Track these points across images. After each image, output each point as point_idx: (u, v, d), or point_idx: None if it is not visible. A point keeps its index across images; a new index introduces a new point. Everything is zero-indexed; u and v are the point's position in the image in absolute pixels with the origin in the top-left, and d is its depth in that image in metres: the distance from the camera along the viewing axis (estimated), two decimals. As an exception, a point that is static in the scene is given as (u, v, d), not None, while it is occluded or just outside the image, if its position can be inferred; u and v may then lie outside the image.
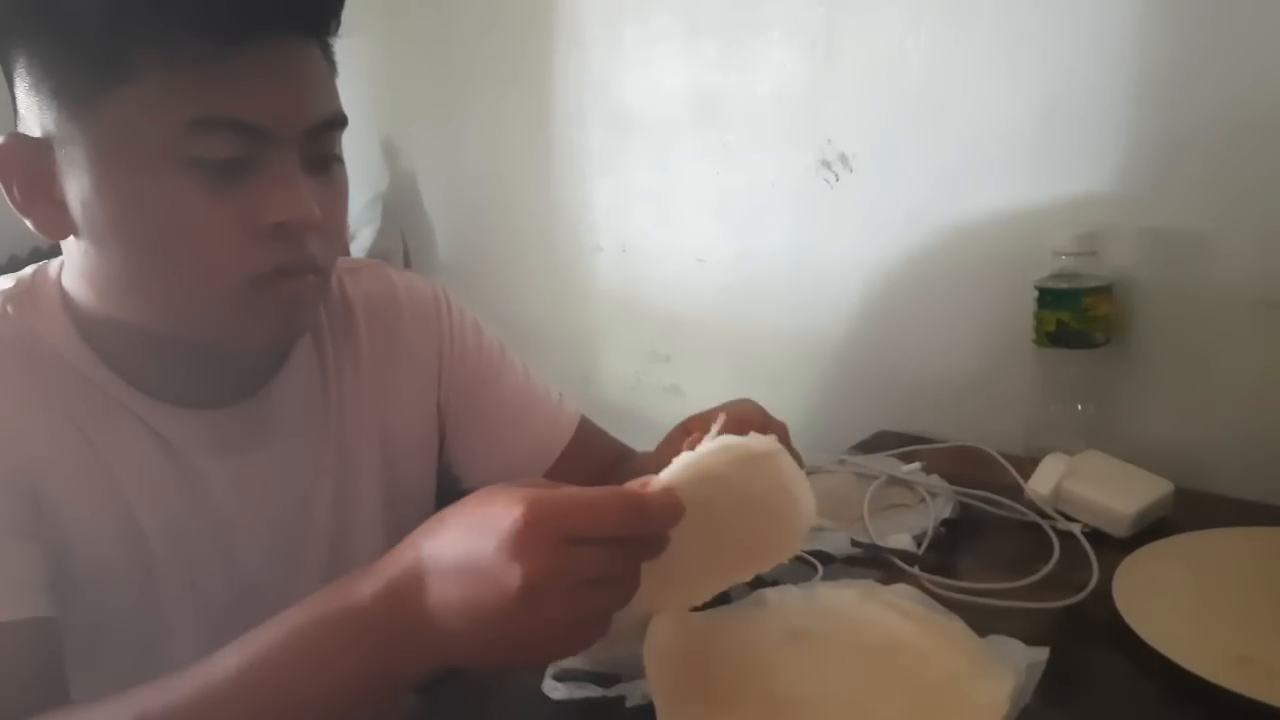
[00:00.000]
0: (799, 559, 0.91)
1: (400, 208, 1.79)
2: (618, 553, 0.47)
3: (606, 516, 0.47)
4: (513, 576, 0.45)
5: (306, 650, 0.51)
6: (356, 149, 0.69)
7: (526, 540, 0.45)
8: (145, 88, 0.56)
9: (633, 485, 0.52)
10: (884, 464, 1.05)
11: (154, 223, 0.58)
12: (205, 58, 0.55)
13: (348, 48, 0.66)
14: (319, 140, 0.62)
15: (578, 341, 1.62)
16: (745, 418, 0.60)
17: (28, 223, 0.61)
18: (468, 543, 0.48)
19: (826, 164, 1.26)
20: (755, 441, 0.52)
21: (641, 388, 1.55)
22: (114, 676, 0.66)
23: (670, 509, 0.49)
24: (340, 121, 0.63)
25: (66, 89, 0.57)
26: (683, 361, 1.50)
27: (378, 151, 1.80)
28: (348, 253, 0.71)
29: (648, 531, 0.48)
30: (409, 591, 0.50)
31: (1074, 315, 1.02)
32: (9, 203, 0.61)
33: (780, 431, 0.61)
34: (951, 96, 1.14)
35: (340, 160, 0.65)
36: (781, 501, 0.54)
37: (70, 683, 0.62)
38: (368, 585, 0.51)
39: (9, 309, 0.65)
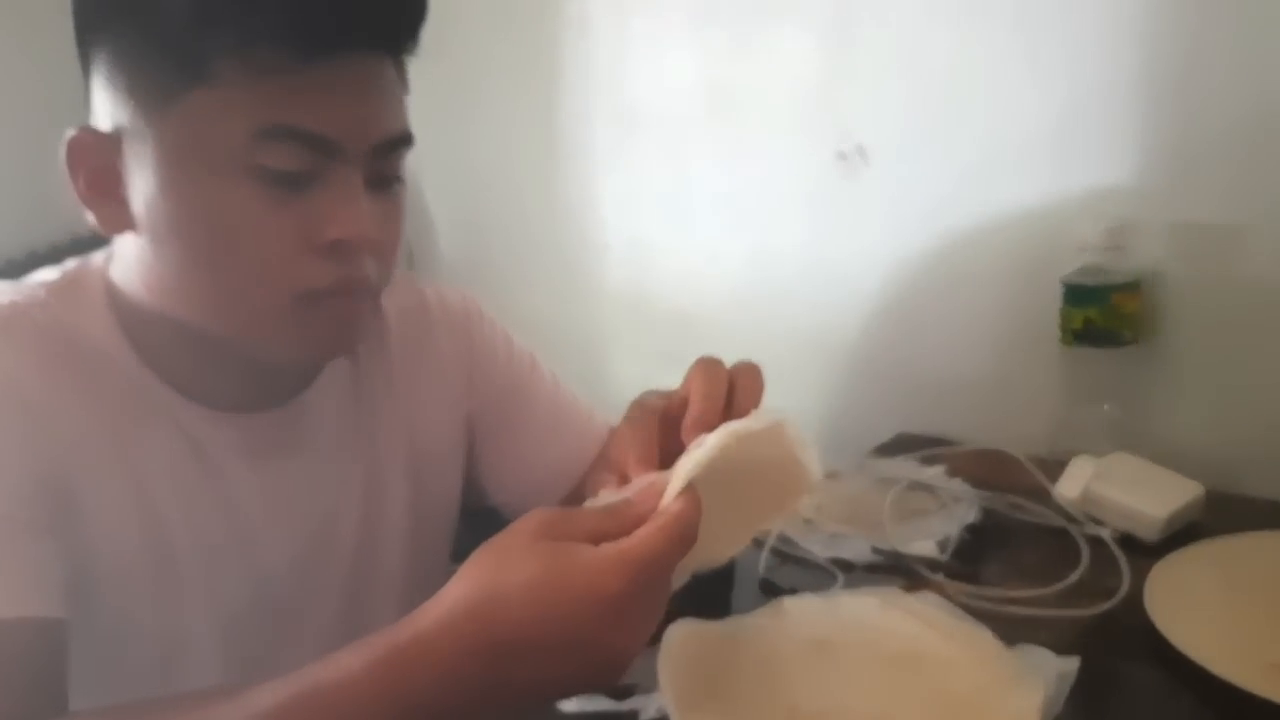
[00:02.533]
0: (819, 567, 0.89)
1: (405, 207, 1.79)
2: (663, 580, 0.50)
3: (676, 547, 0.48)
4: (621, 640, 0.47)
5: (344, 700, 0.48)
6: None
7: (630, 599, 0.46)
8: (221, 92, 0.57)
9: (642, 488, 0.52)
10: (905, 468, 1.05)
11: (214, 227, 0.59)
12: (283, 68, 0.56)
13: None
14: (384, 159, 0.62)
15: (586, 343, 1.60)
16: (714, 377, 0.60)
17: (89, 216, 0.62)
18: (564, 619, 0.46)
19: (843, 157, 1.24)
20: (757, 422, 0.52)
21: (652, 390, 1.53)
22: (130, 682, 0.65)
23: (697, 513, 0.49)
24: (407, 140, 0.64)
25: (143, 87, 0.58)
26: (695, 363, 1.48)
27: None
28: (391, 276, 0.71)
29: (683, 550, 0.49)
30: (486, 674, 0.47)
31: (1101, 312, 1.01)
32: (74, 194, 0.62)
33: (752, 372, 0.62)
34: (972, 88, 1.13)
35: (402, 181, 0.66)
36: (786, 463, 0.54)
37: (84, 689, 0.61)
38: (419, 667, 0.48)
39: (51, 299, 0.65)
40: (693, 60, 1.36)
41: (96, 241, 0.67)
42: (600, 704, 0.68)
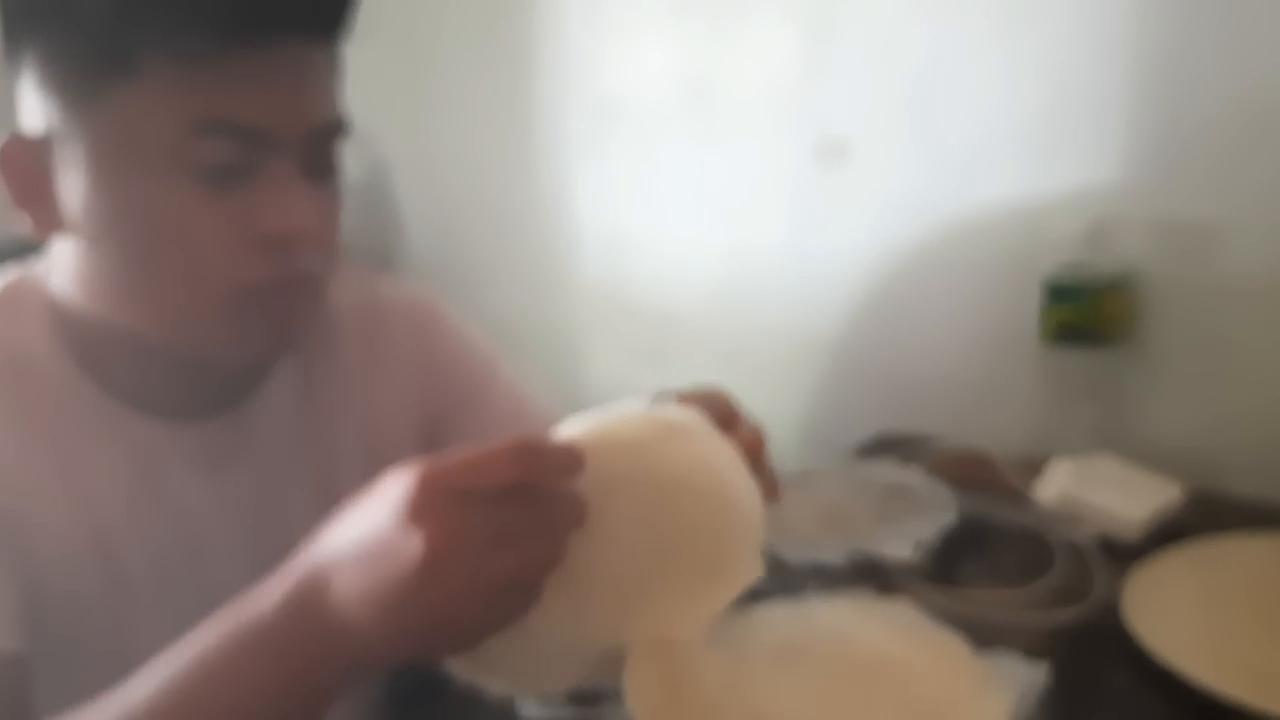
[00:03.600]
0: (793, 572, 0.89)
1: (372, 201, 1.78)
2: (525, 504, 0.44)
3: (500, 463, 0.44)
4: (413, 545, 0.43)
5: (215, 672, 0.49)
6: None
7: (421, 504, 0.43)
8: (150, 86, 0.56)
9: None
10: (883, 470, 1.04)
11: (148, 225, 0.59)
12: (210, 59, 0.56)
13: None
14: (319, 148, 0.62)
15: (562, 341, 1.60)
16: (712, 407, 0.55)
17: (23, 219, 0.62)
18: (362, 525, 0.47)
19: (823, 153, 1.24)
20: (673, 411, 0.48)
21: (630, 389, 1.51)
22: (88, 696, 0.64)
23: (568, 454, 0.46)
24: (342, 128, 0.63)
25: (71, 86, 0.58)
26: (673, 362, 1.48)
27: (351, 141, 1.78)
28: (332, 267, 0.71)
29: (548, 478, 0.45)
30: (310, 594, 0.48)
31: (1082, 311, 1.01)
32: (7, 199, 0.62)
33: (753, 436, 0.57)
34: (953, 83, 1.13)
35: (338, 172, 0.65)
36: (715, 489, 0.48)
37: (39, 713, 0.60)
38: (268, 596, 0.49)
39: None
40: (670, 52, 1.35)
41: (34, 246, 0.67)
42: (565, 712, 0.67)
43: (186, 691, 0.49)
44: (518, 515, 0.44)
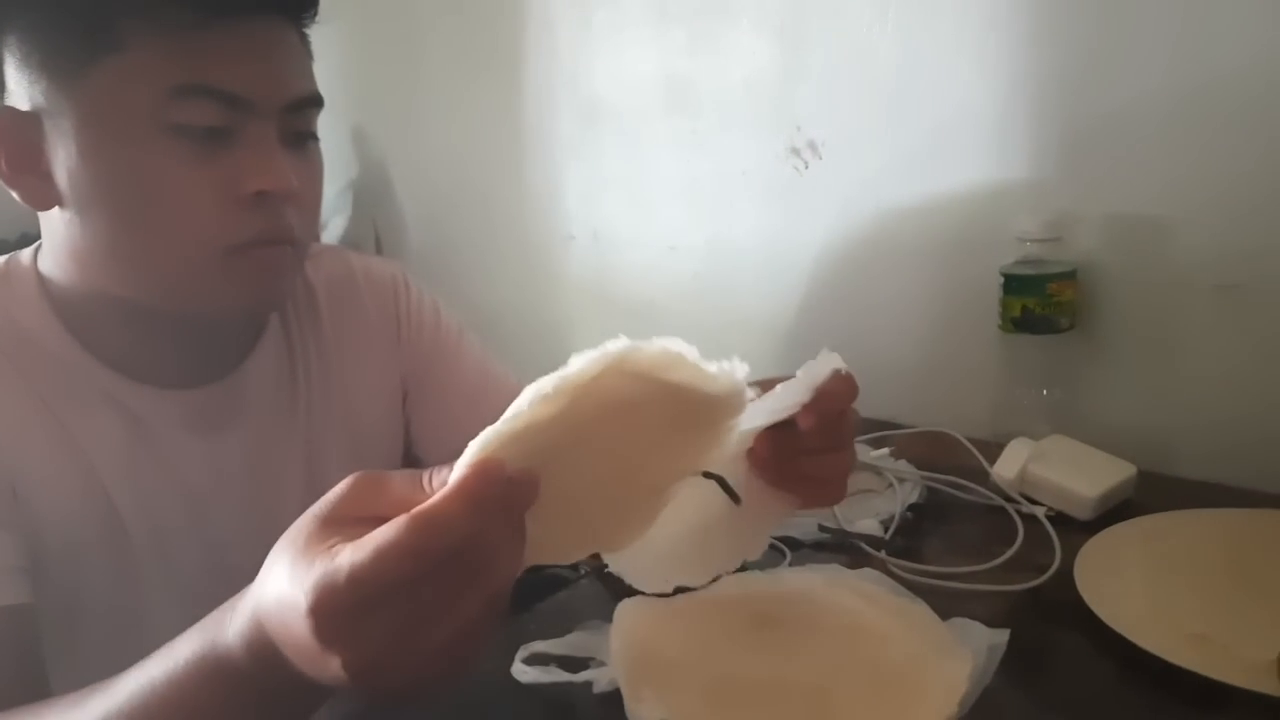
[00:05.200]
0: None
1: (371, 196, 1.78)
2: (439, 573, 0.39)
3: (391, 561, 0.38)
4: (334, 666, 0.39)
5: (181, 706, 0.47)
6: (326, 137, 0.71)
7: (326, 634, 0.38)
8: (131, 57, 0.58)
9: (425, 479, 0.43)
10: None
11: (137, 190, 0.60)
12: (189, 27, 0.58)
13: (317, 34, 0.68)
14: (297, 117, 0.64)
15: (550, 330, 1.61)
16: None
17: (14, 194, 0.63)
18: (288, 622, 0.41)
19: (796, 151, 1.26)
20: (590, 363, 0.42)
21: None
22: (92, 658, 0.66)
23: (467, 504, 0.39)
24: (317, 102, 0.66)
25: (55, 61, 0.60)
26: (656, 349, 1.49)
27: (348, 140, 1.79)
28: (319, 236, 0.73)
29: (446, 544, 0.39)
30: (270, 649, 0.43)
31: (1038, 301, 1.02)
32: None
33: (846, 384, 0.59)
34: (919, 83, 1.14)
35: (316, 140, 0.68)
36: (681, 397, 0.44)
37: (49, 667, 0.62)
38: (233, 635, 0.45)
39: None
40: (653, 55, 1.37)
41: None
42: (557, 676, 0.69)
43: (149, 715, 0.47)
44: (436, 586, 0.39)
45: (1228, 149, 0.96)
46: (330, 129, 0.70)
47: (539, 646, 0.71)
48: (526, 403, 0.40)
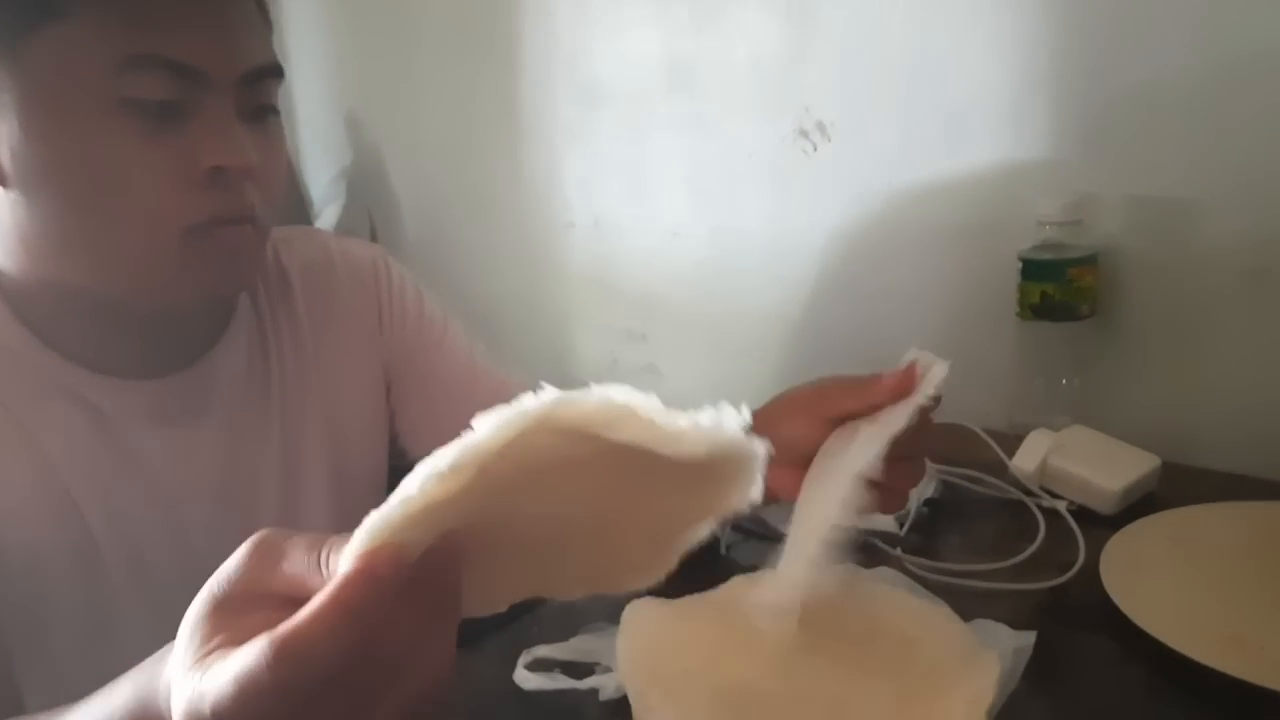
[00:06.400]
0: (780, 543, 0.89)
1: (365, 184, 1.77)
2: (334, 695, 0.34)
3: (257, 700, 0.33)
4: None
5: None
6: (320, 123, 0.67)
7: None
8: (76, 26, 0.55)
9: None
10: None
11: (86, 170, 0.57)
12: None
13: (310, 20, 0.65)
14: (255, 89, 0.61)
15: (550, 321, 1.59)
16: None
17: None
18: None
19: (804, 133, 1.24)
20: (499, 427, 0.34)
21: (617, 368, 1.53)
22: (65, 666, 0.64)
23: (354, 609, 0.33)
24: (277, 72, 0.63)
25: None
26: (660, 340, 1.48)
27: (341, 126, 1.77)
28: (276, 209, 0.70)
29: (322, 671, 0.33)
30: None
31: (1058, 287, 1.00)
32: None
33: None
34: (931, 61, 1.12)
35: (276, 112, 0.64)
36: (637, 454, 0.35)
37: (21, 677, 0.61)
38: (166, 705, 0.40)
39: None
40: (654, 36, 1.34)
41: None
42: (561, 682, 0.67)
43: None
44: (327, 706, 0.34)
45: (1255, 127, 0.94)
46: (323, 115, 0.67)
47: (542, 651, 0.70)
48: (418, 485, 0.34)
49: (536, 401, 0.33)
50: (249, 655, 0.33)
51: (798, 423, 0.62)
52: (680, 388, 1.43)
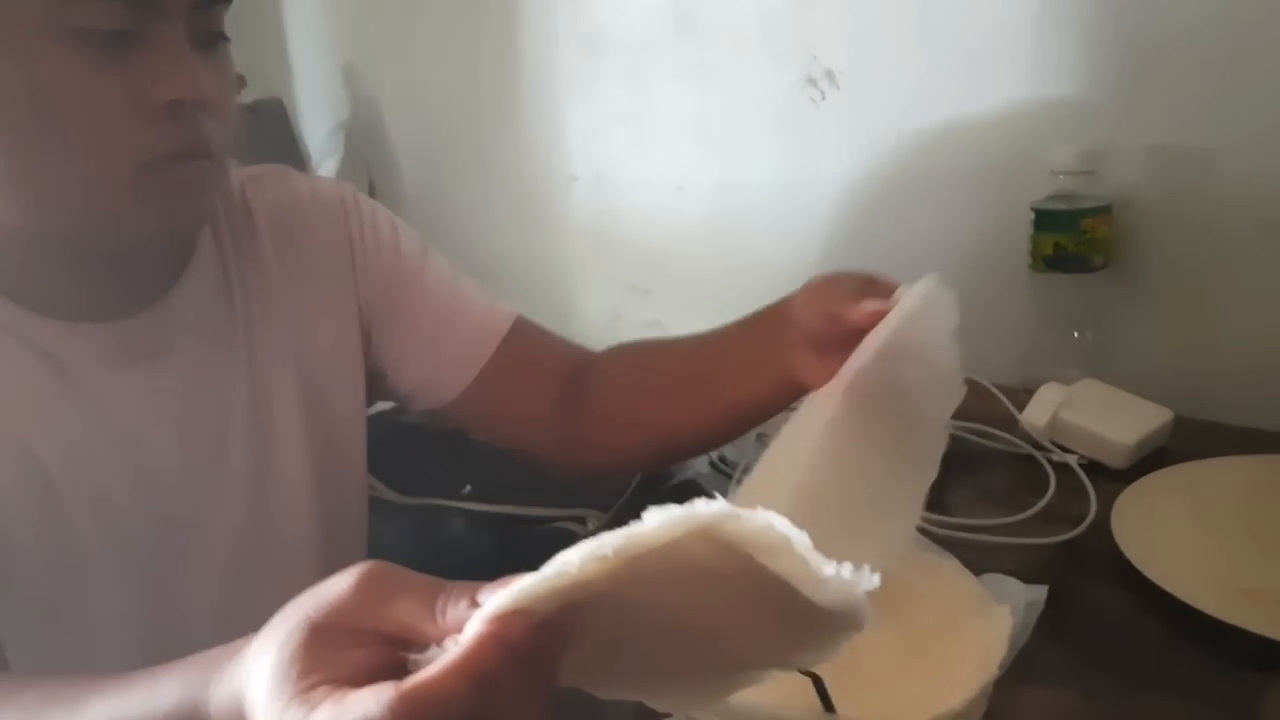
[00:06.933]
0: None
1: (363, 137, 1.74)
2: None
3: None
4: None
5: None
6: (316, 76, 0.65)
7: None
8: None
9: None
10: None
11: (34, 104, 0.55)
12: None
13: None
14: (206, 14, 0.59)
15: (553, 276, 1.58)
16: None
17: None
18: None
19: (812, 81, 1.22)
20: (659, 528, 0.34)
21: (621, 324, 1.52)
22: (32, 616, 0.63)
23: (483, 673, 0.34)
24: None
25: None
26: (664, 295, 1.47)
27: (338, 78, 1.74)
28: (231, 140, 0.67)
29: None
30: None
31: (1071, 238, 0.99)
32: None
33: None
34: (944, 5, 1.10)
35: (226, 40, 0.62)
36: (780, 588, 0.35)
37: None
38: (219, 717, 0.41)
39: None
40: (657, -20, 1.31)
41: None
42: None
43: None
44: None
45: (1275, 76, 0.92)
46: (320, 67, 0.65)
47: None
48: (578, 561, 0.34)
49: (709, 509, 0.34)
50: (372, 701, 0.33)
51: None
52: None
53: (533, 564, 0.35)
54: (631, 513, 0.34)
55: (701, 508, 0.34)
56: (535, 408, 0.78)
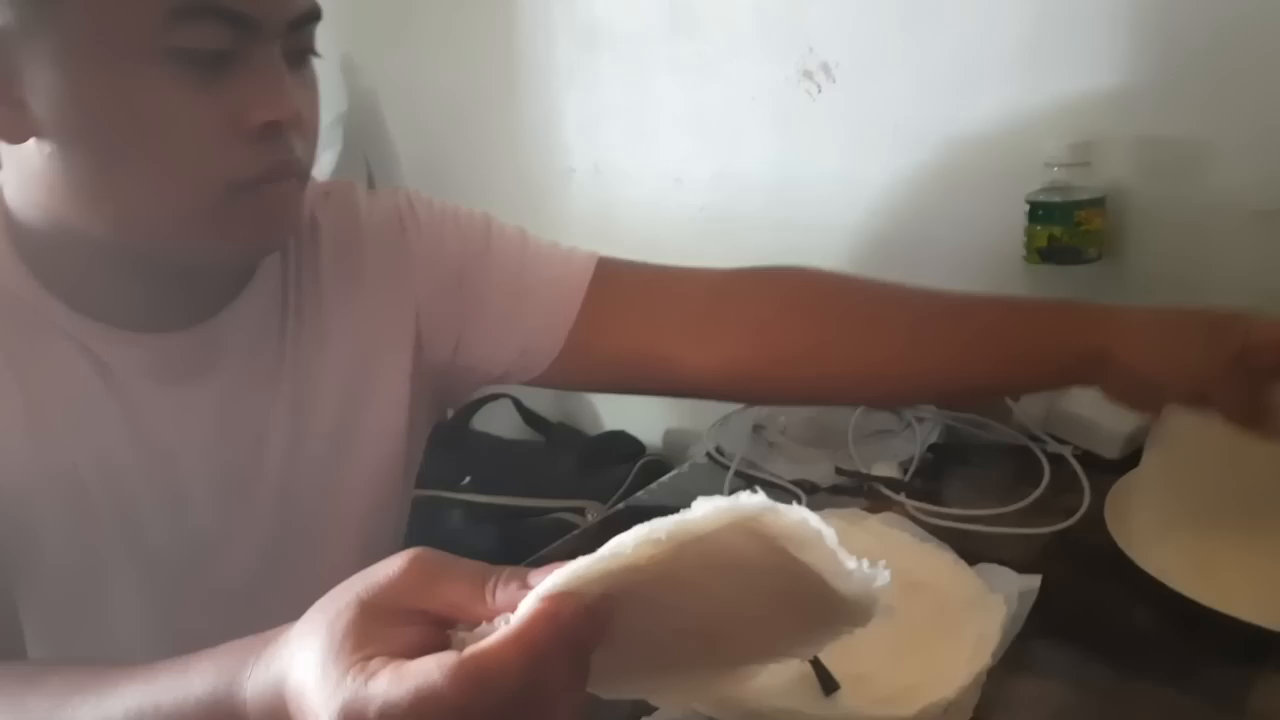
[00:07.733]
0: (782, 488, 0.89)
1: (362, 130, 1.74)
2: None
3: (431, 711, 0.34)
4: None
5: None
6: (316, 68, 0.65)
7: None
8: None
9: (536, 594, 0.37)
10: None
11: (133, 121, 0.55)
12: None
13: None
14: (299, 34, 0.59)
15: (551, 267, 1.57)
16: None
17: None
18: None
19: (808, 74, 1.21)
20: (707, 516, 0.36)
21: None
22: (53, 614, 0.63)
23: (539, 647, 0.35)
24: (318, 14, 0.61)
25: None
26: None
27: (337, 71, 1.74)
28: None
29: (500, 700, 0.35)
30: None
31: (1066, 230, 0.99)
32: None
33: None
34: (939, 1, 1.09)
35: (317, 55, 0.63)
36: (803, 580, 0.37)
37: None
38: (256, 704, 0.41)
39: None
40: (654, -27, 1.31)
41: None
42: None
43: None
44: (526, 707, 0.35)
45: (1269, 67, 0.92)
46: (318, 60, 0.65)
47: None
48: (632, 543, 0.36)
49: (752, 501, 0.36)
50: (431, 669, 0.34)
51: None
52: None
53: (532, 554, 0.36)
54: (630, 511, 0.35)
55: (745, 499, 0.35)
56: (662, 343, 0.78)
